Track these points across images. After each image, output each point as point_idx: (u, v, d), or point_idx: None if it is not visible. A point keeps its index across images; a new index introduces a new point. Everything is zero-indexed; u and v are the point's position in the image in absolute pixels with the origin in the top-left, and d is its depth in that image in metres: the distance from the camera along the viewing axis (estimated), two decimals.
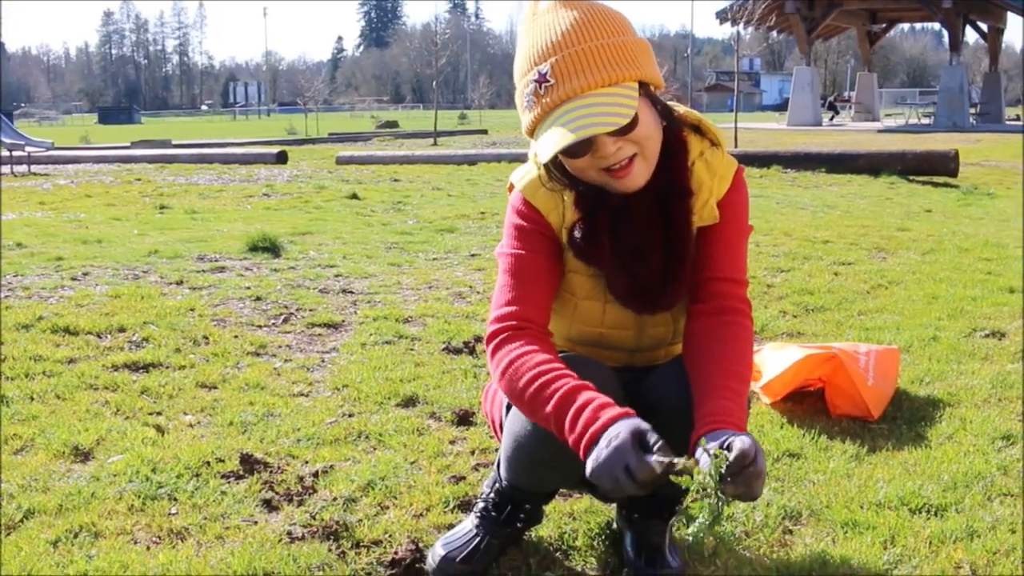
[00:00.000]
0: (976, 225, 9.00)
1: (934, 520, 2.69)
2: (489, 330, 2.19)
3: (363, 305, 5.47)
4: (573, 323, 2.34)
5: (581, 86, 1.97)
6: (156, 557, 2.47)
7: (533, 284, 2.21)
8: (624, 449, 1.86)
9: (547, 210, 2.23)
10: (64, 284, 5.94)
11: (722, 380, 2.09)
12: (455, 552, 2.39)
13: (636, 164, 2.06)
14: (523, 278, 2.21)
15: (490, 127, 39.82)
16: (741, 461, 1.82)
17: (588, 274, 2.25)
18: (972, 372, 4.11)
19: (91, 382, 3.97)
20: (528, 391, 2.05)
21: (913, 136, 25.76)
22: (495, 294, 2.24)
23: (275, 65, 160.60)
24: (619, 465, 1.85)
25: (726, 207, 2.26)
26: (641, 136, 2.04)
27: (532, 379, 2.05)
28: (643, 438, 1.89)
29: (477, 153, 19.00)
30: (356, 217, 10.06)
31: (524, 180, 2.26)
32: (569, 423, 1.97)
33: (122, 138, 33.05)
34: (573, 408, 1.97)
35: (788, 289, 5.84)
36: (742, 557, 2.49)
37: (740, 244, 2.30)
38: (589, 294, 2.29)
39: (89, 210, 11.05)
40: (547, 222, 2.23)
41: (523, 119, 2.08)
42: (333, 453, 3.21)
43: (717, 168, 2.22)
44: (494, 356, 2.16)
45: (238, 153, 20.27)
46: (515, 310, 2.17)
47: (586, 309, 2.31)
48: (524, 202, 2.25)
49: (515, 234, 2.25)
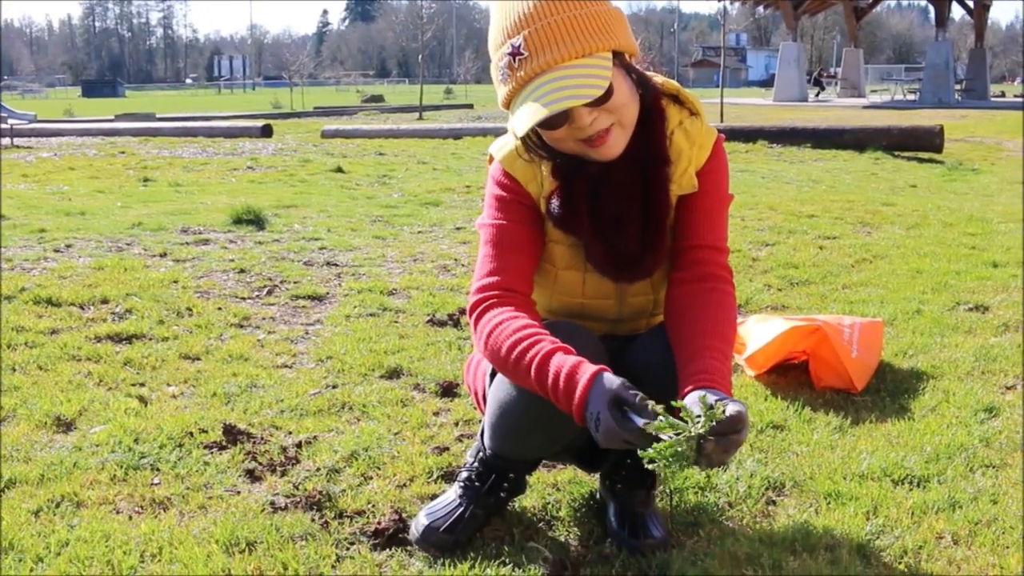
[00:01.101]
0: (960, 200, 9.02)
1: (916, 491, 2.70)
2: (471, 300, 2.19)
3: (347, 278, 5.46)
4: (554, 294, 2.34)
5: (555, 58, 1.96)
6: (138, 527, 2.46)
7: (514, 254, 2.21)
8: (610, 430, 1.89)
9: (526, 180, 2.22)
10: (47, 256, 5.91)
11: (707, 340, 2.09)
12: (438, 522, 2.39)
13: (613, 133, 2.06)
14: (504, 248, 2.21)
15: (476, 101, 39.68)
16: (732, 424, 1.83)
17: (568, 244, 2.25)
18: (955, 345, 4.12)
19: (74, 353, 3.95)
20: (510, 357, 2.06)
21: (899, 112, 25.76)
22: (477, 265, 2.25)
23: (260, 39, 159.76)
24: (617, 443, 1.90)
25: (706, 176, 2.26)
26: (617, 105, 2.03)
27: (512, 345, 2.06)
28: (622, 405, 1.91)
29: (463, 127, 18.94)
30: (341, 190, 10.02)
31: (503, 151, 2.26)
32: (551, 393, 2.00)
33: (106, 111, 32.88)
34: (550, 380, 1.99)
35: (773, 263, 5.84)
36: (725, 528, 2.50)
37: (721, 212, 2.29)
38: (569, 264, 2.28)
39: (72, 183, 10.97)
40: (527, 192, 2.23)
41: (498, 92, 2.08)
42: (317, 424, 3.20)
43: (696, 137, 2.21)
44: (477, 324, 2.17)
45: (223, 126, 20.15)
46: (497, 280, 2.18)
47: (566, 279, 2.30)
48: (504, 173, 2.24)
49: (496, 205, 2.25)
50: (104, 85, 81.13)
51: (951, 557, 2.34)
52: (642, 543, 2.35)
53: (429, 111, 29.22)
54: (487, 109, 31.58)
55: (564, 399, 1.97)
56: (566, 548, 2.39)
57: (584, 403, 1.94)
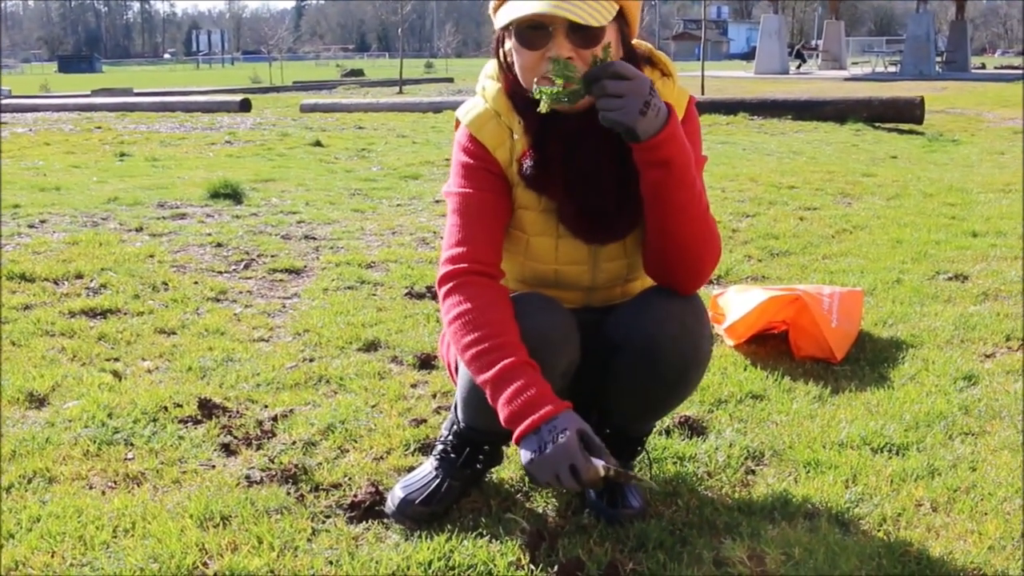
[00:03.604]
0: (941, 171, 9.02)
1: (895, 459, 2.70)
2: (441, 271, 2.17)
3: (325, 251, 5.41)
4: (526, 261, 2.30)
5: None
6: (111, 502, 2.43)
7: (482, 223, 2.18)
8: (571, 448, 1.92)
9: (494, 145, 2.19)
10: (20, 231, 5.84)
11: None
12: (414, 494, 2.36)
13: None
14: (472, 217, 2.18)
15: (456, 75, 39.48)
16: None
17: (539, 209, 2.21)
18: (935, 314, 4.11)
19: (47, 328, 3.90)
20: (471, 351, 2.06)
21: (880, 84, 25.76)
22: (445, 234, 2.22)
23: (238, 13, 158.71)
24: (564, 463, 1.92)
25: None
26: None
27: (477, 340, 2.05)
28: (587, 438, 1.95)
29: (443, 101, 18.83)
30: (319, 164, 9.95)
31: (470, 115, 2.23)
32: (506, 400, 2.00)
33: (83, 87, 32.57)
34: (512, 387, 2.00)
35: (753, 234, 5.83)
36: (704, 497, 2.48)
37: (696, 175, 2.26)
38: (541, 230, 2.24)
39: (48, 158, 10.86)
40: (494, 158, 2.19)
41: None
42: (293, 397, 3.17)
43: (668, 98, 2.17)
44: (445, 301, 2.15)
45: (201, 101, 19.97)
46: (465, 251, 2.15)
47: (538, 246, 2.26)
48: (470, 138, 2.21)
49: (462, 172, 2.22)
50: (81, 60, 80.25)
51: (930, 524, 2.34)
52: (620, 513, 2.33)
53: (409, 85, 29.09)
54: (467, 83, 31.43)
55: (519, 408, 1.98)
56: (544, 519, 2.38)
57: (551, 417, 1.95)
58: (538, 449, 1.94)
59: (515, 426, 1.98)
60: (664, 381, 2.22)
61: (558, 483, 1.94)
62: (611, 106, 1.92)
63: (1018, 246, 5.42)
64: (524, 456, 1.97)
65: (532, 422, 1.96)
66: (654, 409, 2.36)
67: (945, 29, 43.79)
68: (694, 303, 2.23)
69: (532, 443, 1.96)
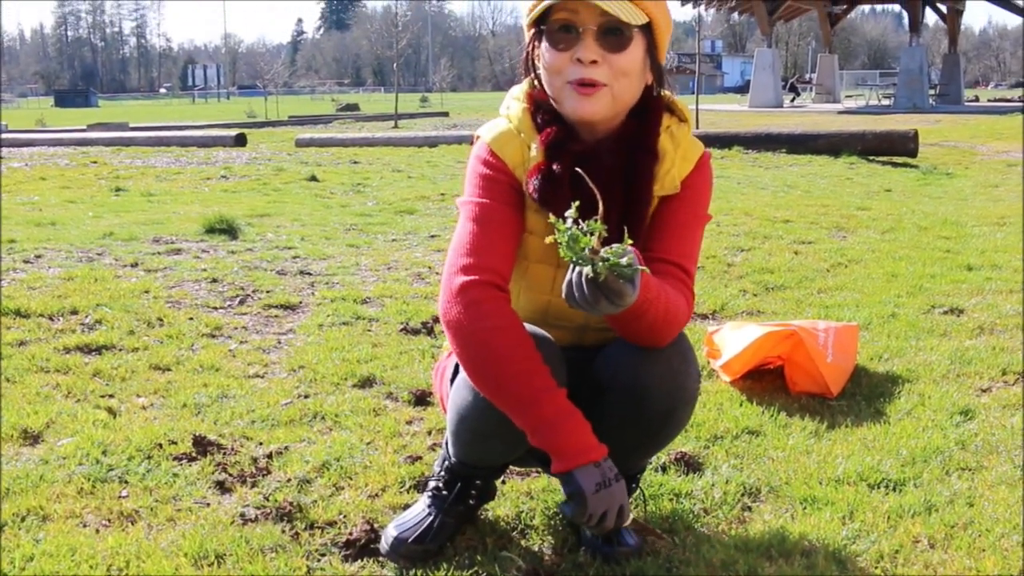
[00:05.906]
0: (935, 204, 9.05)
1: (892, 495, 2.69)
2: (458, 281, 2.08)
3: (321, 286, 5.41)
4: (523, 290, 2.29)
5: None
6: (105, 540, 2.42)
7: (499, 233, 2.14)
8: (624, 490, 2.08)
9: (514, 164, 2.18)
10: (16, 267, 5.84)
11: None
12: (407, 533, 2.35)
13: (601, 92, 2.07)
14: (489, 227, 2.14)
15: (451, 109, 39.62)
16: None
17: (544, 235, 2.20)
18: (931, 348, 4.12)
19: (42, 365, 3.89)
20: (520, 377, 2.04)
21: (873, 117, 25.87)
22: (457, 241, 2.15)
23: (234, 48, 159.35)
24: (618, 502, 2.06)
25: (687, 187, 2.23)
26: (623, 66, 2.06)
27: (528, 369, 2.04)
28: None
29: (438, 135, 18.90)
30: (315, 199, 9.97)
31: (492, 132, 2.22)
32: (570, 428, 2.04)
33: (79, 121, 32.63)
34: (576, 418, 2.05)
35: (748, 268, 5.84)
36: (700, 534, 2.47)
37: (694, 229, 2.26)
38: (542, 257, 2.23)
39: (43, 193, 10.87)
40: (513, 175, 2.18)
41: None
42: (288, 434, 3.16)
43: (681, 141, 2.19)
44: (468, 310, 2.06)
45: (196, 136, 20.01)
46: (481, 260, 2.10)
47: (537, 273, 2.26)
48: (491, 152, 2.19)
49: (481, 183, 2.19)
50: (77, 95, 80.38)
51: (927, 561, 2.33)
52: (616, 551, 2.32)
53: (404, 119, 29.19)
54: (462, 117, 31.55)
55: (583, 436, 2.06)
56: (540, 557, 2.36)
57: (606, 457, 2.07)
58: (602, 482, 2.02)
59: (571, 454, 2.03)
60: (651, 421, 2.22)
61: (602, 519, 2.04)
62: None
63: (1013, 279, 5.43)
64: (587, 485, 2.02)
65: (596, 455, 2.04)
66: (643, 448, 2.35)
67: (938, 62, 44.15)
68: (680, 342, 2.21)
69: (595, 475, 2.03)
